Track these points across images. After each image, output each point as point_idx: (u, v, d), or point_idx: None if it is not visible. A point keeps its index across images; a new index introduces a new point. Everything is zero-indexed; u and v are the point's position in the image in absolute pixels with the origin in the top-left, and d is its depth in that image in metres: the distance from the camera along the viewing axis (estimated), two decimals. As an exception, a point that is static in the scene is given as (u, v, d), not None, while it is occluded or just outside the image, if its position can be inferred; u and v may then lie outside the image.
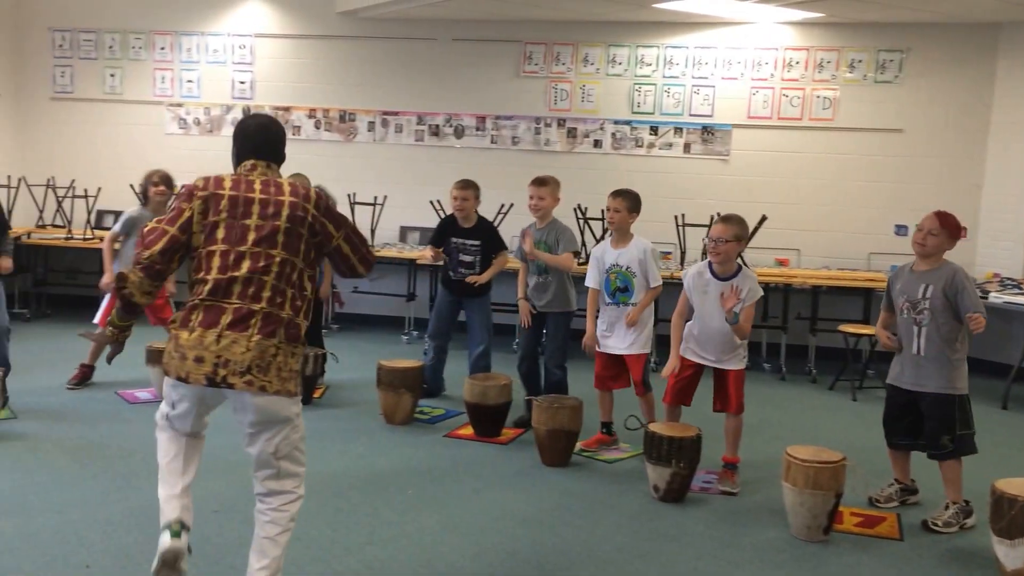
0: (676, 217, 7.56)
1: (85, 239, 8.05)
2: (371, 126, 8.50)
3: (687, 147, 8.05)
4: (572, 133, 8.22)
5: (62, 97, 8.87)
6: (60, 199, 8.41)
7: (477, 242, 5.83)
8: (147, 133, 8.72)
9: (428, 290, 8.13)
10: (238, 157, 3.16)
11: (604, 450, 5.09)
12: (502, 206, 7.65)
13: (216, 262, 2.95)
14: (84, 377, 6.00)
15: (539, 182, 5.47)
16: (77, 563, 3.47)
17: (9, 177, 8.26)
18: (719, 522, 4.18)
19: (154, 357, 5.63)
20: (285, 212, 3.01)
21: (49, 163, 8.75)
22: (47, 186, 8.56)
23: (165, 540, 2.89)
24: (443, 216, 6.66)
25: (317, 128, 8.55)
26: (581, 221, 7.61)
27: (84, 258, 8.38)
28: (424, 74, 8.37)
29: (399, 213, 8.26)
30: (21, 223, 8.21)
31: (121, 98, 8.79)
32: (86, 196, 8.41)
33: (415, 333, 7.99)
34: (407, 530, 3.93)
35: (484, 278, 5.78)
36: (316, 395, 5.95)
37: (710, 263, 4.61)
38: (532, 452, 4.95)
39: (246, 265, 2.94)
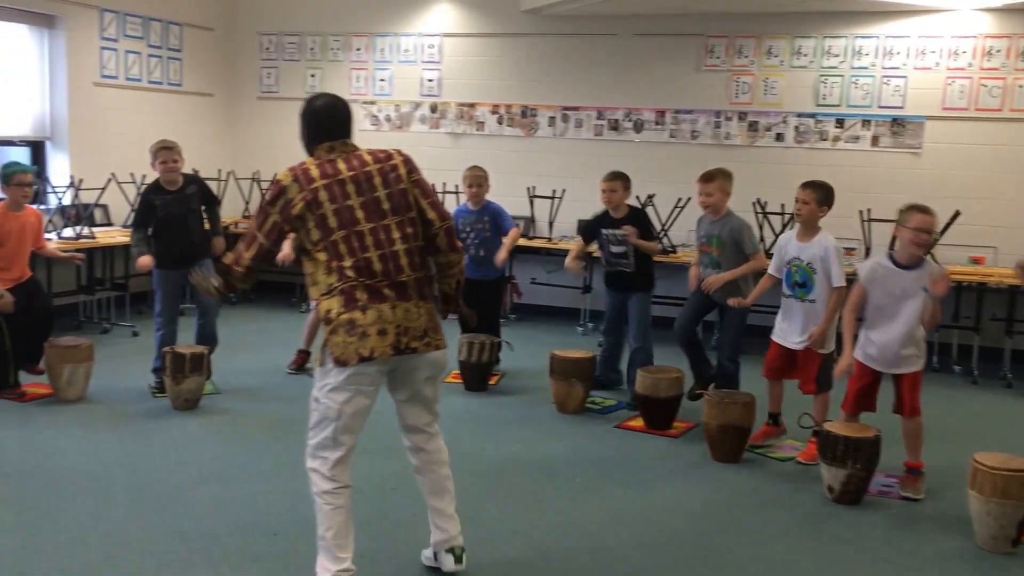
0: (861, 212, 7.26)
1: (284, 229, 8.60)
2: (551, 121, 8.63)
3: (875, 140, 7.70)
4: (753, 127, 8.04)
5: (268, 96, 9.53)
6: (264, 192, 9.03)
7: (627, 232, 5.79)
8: (342, 130, 9.21)
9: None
10: (311, 140, 3.21)
11: (776, 447, 4.98)
12: (679, 200, 7.60)
13: (342, 249, 3.06)
14: (302, 363, 6.30)
15: (705, 178, 5.39)
16: (267, 530, 3.75)
17: (219, 171, 8.96)
18: (898, 528, 4.02)
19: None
20: (378, 180, 3.14)
21: (255, 158, 9.43)
22: (252, 180, 9.23)
23: None
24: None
25: (499, 124, 8.78)
26: (760, 216, 7.44)
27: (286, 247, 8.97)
28: (605, 69, 8.42)
29: (577, 207, 8.34)
30: (228, 214, 8.87)
31: (319, 97, 9.33)
32: (286, 189, 8.99)
33: (590, 325, 8.06)
34: (574, 517, 4.01)
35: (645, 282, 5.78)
36: (491, 382, 6.12)
37: (891, 254, 4.41)
38: (702, 447, 4.92)
39: (369, 243, 3.08)
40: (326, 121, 3.20)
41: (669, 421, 5.27)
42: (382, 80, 9.13)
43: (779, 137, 7.97)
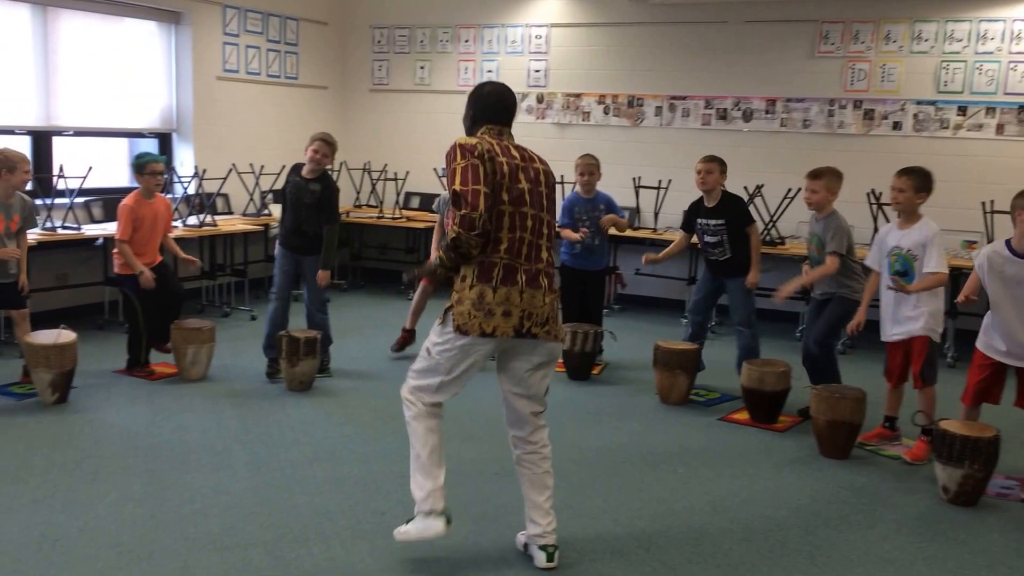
0: (984, 204, 6.96)
1: (394, 218, 8.81)
2: (658, 111, 8.57)
3: (1000, 128, 7.36)
4: (869, 115, 7.80)
5: (379, 89, 9.76)
6: (374, 182, 9.28)
7: (721, 221, 5.65)
8: (450, 121, 9.34)
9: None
10: (476, 121, 3.35)
11: (887, 446, 4.86)
12: (789, 190, 7.44)
13: (505, 222, 3.19)
14: (406, 342, 6.47)
15: (813, 175, 5.24)
16: (375, 509, 3.87)
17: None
18: (1018, 531, 3.87)
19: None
20: (543, 177, 3.31)
21: (366, 149, 9.67)
22: (364, 170, 9.48)
23: (438, 526, 3.28)
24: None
25: (606, 114, 8.76)
26: (874, 207, 7.23)
27: (393, 235, 9.20)
28: (713, 57, 8.31)
29: (684, 197, 8.21)
30: (341, 203, 9.12)
31: (429, 88, 9.52)
32: (396, 179, 9.21)
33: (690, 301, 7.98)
34: (676, 508, 4.01)
35: (754, 275, 5.60)
36: (594, 372, 6.15)
37: (1008, 241, 4.23)
38: (810, 442, 4.83)
39: (528, 226, 3.22)
40: (495, 105, 3.34)
41: (775, 415, 5.19)
42: (489, 71, 9.22)
43: (896, 126, 7.72)
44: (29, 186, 5.38)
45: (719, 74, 8.28)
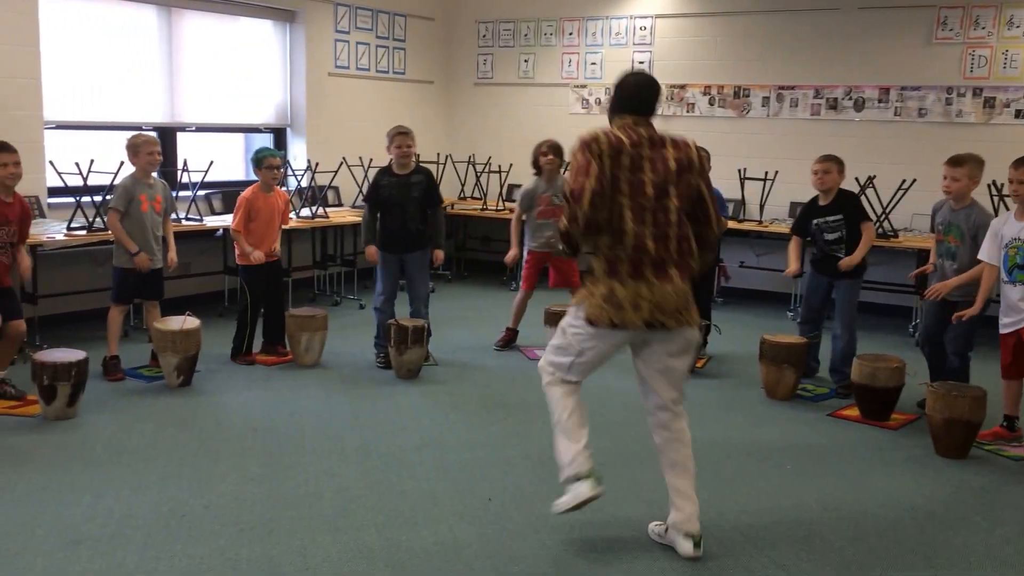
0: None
1: (497, 211, 8.91)
2: (765, 101, 8.42)
3: None
4: (989, 103, 7.49)
5: (483, 83, 9.86)
6: (479, 174, 9.39)
7: (838, 216, 5.52)
8: (553, 113, 9.40)
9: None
10: (615, 111, 3.39)
11: (1009, 446, 4.68)
12: (903, 182, 7.22)
13: (628, 216, 3.21)
14: (509, 340, 6.56)
15: (954, 162, 5.05)
16: (481, 495, 3.95)
17: (438, 155, 9.38)
18: None
19: (552, 319, 6.14)
20: (672, 166, 3.26)
21: (470, 142, 9.80)
22: (468, 163, 9.60)
23: (585, 489, 3.29)
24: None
25: (711, 105, 8.65)
26: (996, 199, 6.94)
27: (496, 227, 9.29)
28: (825, 46, 8.10)
29: (790, 189, 8.10)
30: (445, 194, 9.25)
31: (532, 82, 9.57)
32: (499, 171, 9.30)
33: (800, 310, 7.81)
34: (783, 504, 3.96)
35: (856, 258, 5.45)
36: (698, 365, 6.09)
37: None
38: (925, 440, 4.70)
39: (654, 219, 3.22)
40: (632, 97, 3.37)
41: (887, 412, 5.06)
42: (593, 64, 9.21)
43: (1019, 114, 7.39)
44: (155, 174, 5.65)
45: (830, 63, 8.08)
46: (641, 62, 8.92)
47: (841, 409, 5.27)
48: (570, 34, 9.33)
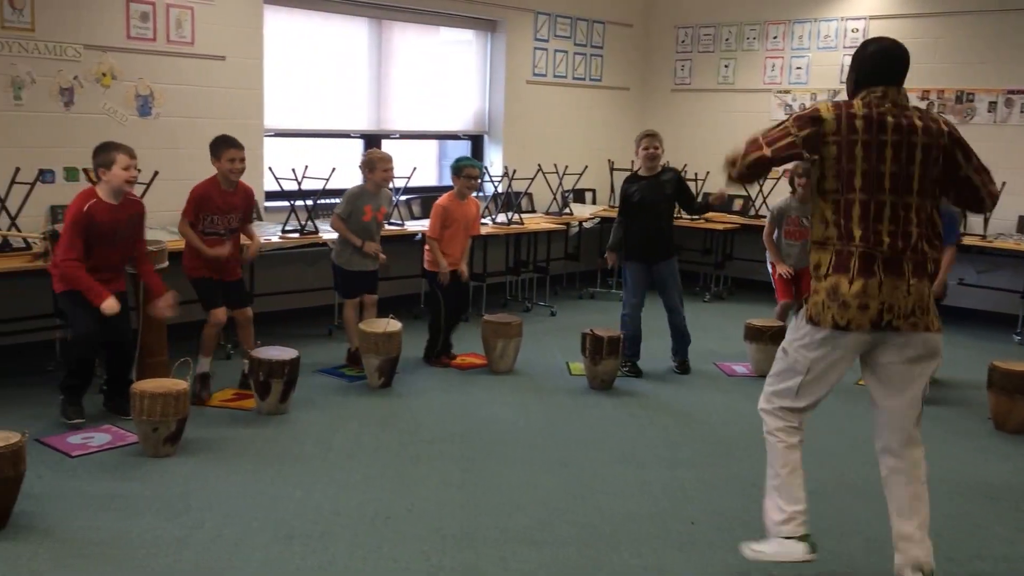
0: None
1: (692, 219, 8.62)
2: (991, 106, 7.77)
3: None
4: None
5: (680, 88, 9.65)
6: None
7: None
8: (753, 120, 9.03)
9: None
10: (857, 84, 3.07)
11: None
12: None
13: (857, 211, 2.94)
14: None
15: None
16: (684, 517, 3.80)
17: (632, 162, 9.19)
18: None
19: (752, 334, 5.89)
20: (918, 155, 2.94)
21: (667, 149, 9.44)
22: (662, 171, 9.40)
23: (799, 550, 3.06)
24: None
25: (930, 110, 8.07)
26: None
27: (691, 236, 8.93)
28: (1063, 45, 7.40)
29: (1018, 202, 7.43)
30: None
31: (732, 87, 9.27)
32: (695, 179, 9.04)
33: (1030, 336, 7.16)
34: (1023, 551, 3.58)
35: None
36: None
37: None
38: None
39: (886, 213, 2.93)
40: (879, 64, 3.03)
41: None
42: (798, 68, 8.82)
43: None
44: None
45: (1070, 64, 7.36)
46: (851, 66, 8.44)
47: (1084, 448, 4.75)
48: (775, 38, 8.97)
